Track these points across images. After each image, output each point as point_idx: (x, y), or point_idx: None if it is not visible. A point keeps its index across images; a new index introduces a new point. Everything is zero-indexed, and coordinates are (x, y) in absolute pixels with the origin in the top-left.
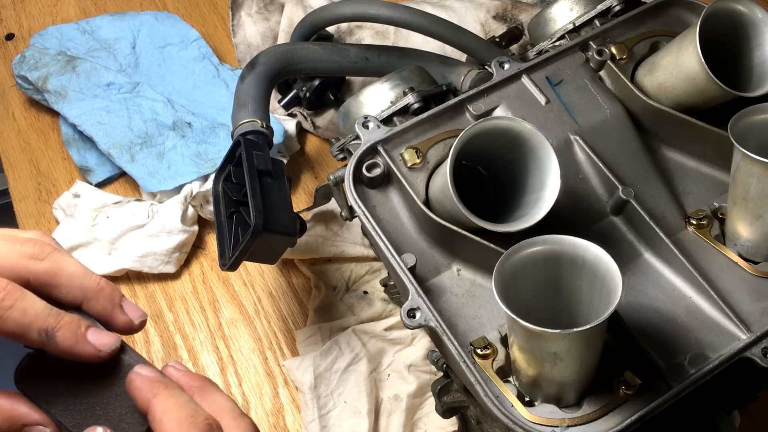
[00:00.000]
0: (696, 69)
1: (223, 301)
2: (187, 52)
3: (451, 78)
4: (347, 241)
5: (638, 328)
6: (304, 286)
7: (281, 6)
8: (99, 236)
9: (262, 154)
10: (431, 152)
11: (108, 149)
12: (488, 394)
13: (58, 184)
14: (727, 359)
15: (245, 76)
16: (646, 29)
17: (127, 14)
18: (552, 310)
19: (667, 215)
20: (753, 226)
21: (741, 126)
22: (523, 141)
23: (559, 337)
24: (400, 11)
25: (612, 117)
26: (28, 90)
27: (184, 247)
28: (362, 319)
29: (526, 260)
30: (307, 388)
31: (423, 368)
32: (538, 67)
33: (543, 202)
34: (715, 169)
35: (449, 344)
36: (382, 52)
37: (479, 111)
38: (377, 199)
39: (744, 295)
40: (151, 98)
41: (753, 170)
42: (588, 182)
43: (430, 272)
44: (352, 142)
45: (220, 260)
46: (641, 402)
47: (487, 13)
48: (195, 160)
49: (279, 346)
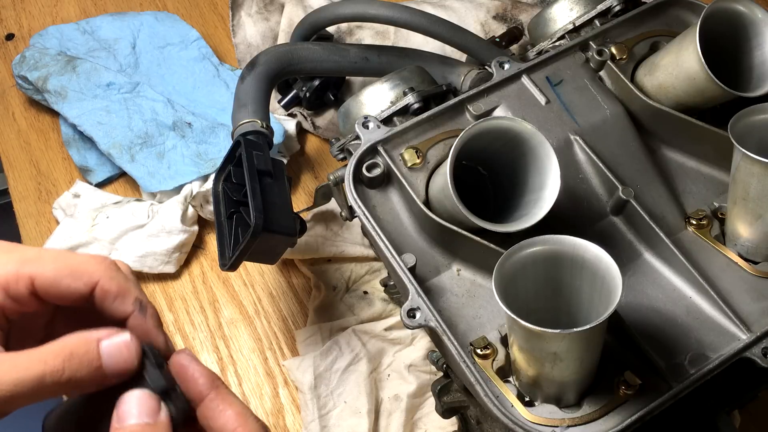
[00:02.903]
0: (696, 69)
1: (223, 301)
2: (187, 52)
3: (451, 78)
4: (347, 241)
5: (638, 328)
6: (304, 286)
7: (281, 6)
8: (99, 236)
9: (262, 154)
10: (431, 152)
11: (108, 149)
12: (488, 394)
13: (58, 184)
14: (727, 359)
15: (245, 76)
16: (646, 29)
17: (127, 14)
18: (552, 310)
19: (667, 215)
20: (753, 226)
21: (741, 126)
22: (523, 141)
23: (559, 337)
24: (400, 11)
25: (612, 117)
26: (28, 90)
27: (184, 247)
28: (362, 319)
29: (526, 260)
30: (307, 388)
31: (423, 368)
32: (538, 67)
33: (543, 202)
34: (715, 169)
35: (449, 344)
36: (382, 52)
37: (479, 111)
38: (377, 199)
39: (744, 295)
40: (151, 98)
41: (753, 170)
42: (588, 182)
43: (430, 272)
44: (352, 142)
45: (220, 260)
46: (641, 402)
47: (487, 13)
48: (195, 160)
49: (279, 346)
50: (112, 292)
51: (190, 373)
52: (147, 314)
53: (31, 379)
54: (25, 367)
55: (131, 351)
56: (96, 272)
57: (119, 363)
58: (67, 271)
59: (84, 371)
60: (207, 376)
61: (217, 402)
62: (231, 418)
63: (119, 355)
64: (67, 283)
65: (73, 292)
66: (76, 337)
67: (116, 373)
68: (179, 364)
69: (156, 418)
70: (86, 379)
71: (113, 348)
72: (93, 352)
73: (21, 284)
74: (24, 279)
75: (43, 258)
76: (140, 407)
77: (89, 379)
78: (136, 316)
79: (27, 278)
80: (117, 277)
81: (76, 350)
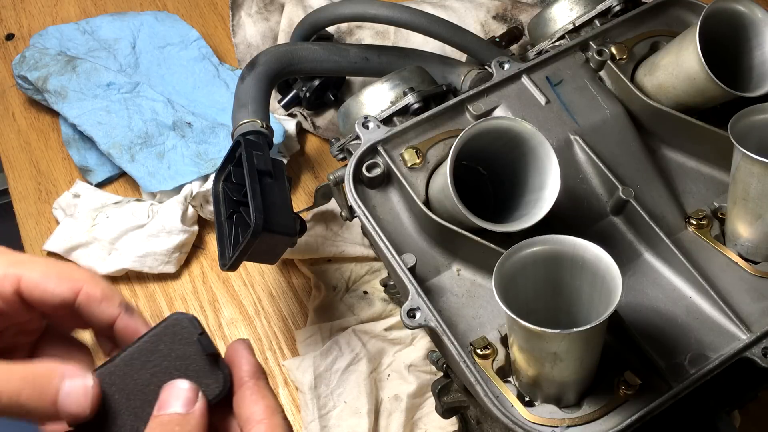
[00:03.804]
0: (696, 69)
1: (223, 301)
2: (187, 52)
3: (451, 78)
4: (347, 241)
5: (638, 328)
6: (304, 286)
7: (281, 6)
8: (99, 236)
9: (262, 154)
10: (431, 152)
11: (108, 149)
12: (488, 394)
13: (58, 184)
14: (727, 359)
15: (245, 76)
16: (646, 29)
17: (127, 14)
18: (552, 310)
19: (667, 215)
20: (753, 226)
21: (741, 126)
22: (523, 141)
23: (559, 337)
24: (400, 11)
25: (612, 117)
26: (28, 90)
27: (184, 247)
28: (362, 319)
29: (526, 260)
30: (307, 388)
31: (423, 368)
32: (538, 67)
33: (543, 202)
34: (715, 169)
35: (449, 344)
36: (382, 52)
37: (479, 111)
38: (377, 199)
39: (744, 295)
40: (151, 98)
41: (753, 170)
42: (588, 182)
43: (430, 272)
44: (352, 142)
45: (220, 260)
46: (641, 402)
47: (487, 13)
48: (195, 160)
49: (279, 346)
50: (97, 296)
51: (237, 359)
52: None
53: None
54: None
55: (87, 398)
56: (81, 278)
57: (73, 406)
58: (54, 274)
59: (36, 402)
60: (252, 365)
61: (252, 392)
62: (259, 410)
63: (75, 398)
64: (52, 286)
65: (58, 295)
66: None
67: (67, 413)
68: (233, 348)
69: (191, 408)
70: (37, 411)
71: (72, 389)
72: (53, 387)
73: (7, 283)
74: (10, 278)
75: (31, 262)
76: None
77: (40, 412)
78: (123, 317)
79: (13, 278)
80: (101, 282)
81: (39, 379)
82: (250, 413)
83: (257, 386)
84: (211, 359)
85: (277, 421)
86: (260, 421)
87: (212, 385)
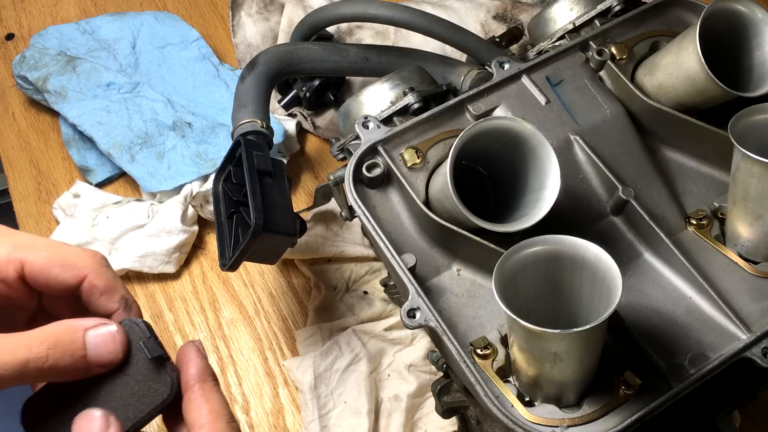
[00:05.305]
0: (696, 69)
1: (223, 301)
2: (187, 52)
3: (451, 78)
4: (347, 241)
5: (638, 328)
6: (304, 286)
7: (281, 6)
8: (99, 236)
9: (262, 154)
10: (431, 152)
11: (108, 149)
12: (488, 394)
13: (58, 184)
14: (727, 359)
15: (245, 77)
16: (646, 29)
17: (127, 14)
18: (552, 310)
19: (667, 215)
20: (753, 226)
21: (741, 126)
22: (523, 141)
23: (559, 337)
24: (400, 11)
25: (612, 117)
26: (28, 90)
27: (184, 247)
28: (362, 319)
29: (526, 260)
30: (307, 388)
31: (423, 368)
32: (538, 67)
33: (543, 202)
34: (715, 169)
35: (449, 344)
36: (382, 52)
37: (479, 111)
38: (377, 199)
39: (744, 295)
40: (151, 98)
41: (753, 170)
42: (588, 182)
43: (430, 272)
44: (352, 142)
45: (220, 260)
46: (641, 402)
47: (487, 13)
48: (195, 160)
49: (279, 346)
50: (99, 287)
51: (185, 362)
52: (132, 312)
53: (14, 364)
54: (10, 351)
55: (117, 343)
56: (86, 266)
57: (104, 354)
58: (58, 261)
59: (68, 360)
60: (200, 368)
61: (197, 395)
62: (203, 414)
63: (104, 346)
64: (56, 273)
65: (62, 282)
66: (63, 324)
67: (100, 363)
68: (182, 351)
69: None
70: (69, 368)
71: (99, 338)
72: (78, 341)
73: (11, 267)
74: (14, 263)
75: (36, 245)
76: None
77: (72, 368)
78: (121, 314)
79: (17, 262)
80: (106, 273)
81: (62, 338)
82: (195, 418)
83: (202, 389)
84: (158, 363)
85: (219, 426)
86: (203, 426)
87: (160, 390)
